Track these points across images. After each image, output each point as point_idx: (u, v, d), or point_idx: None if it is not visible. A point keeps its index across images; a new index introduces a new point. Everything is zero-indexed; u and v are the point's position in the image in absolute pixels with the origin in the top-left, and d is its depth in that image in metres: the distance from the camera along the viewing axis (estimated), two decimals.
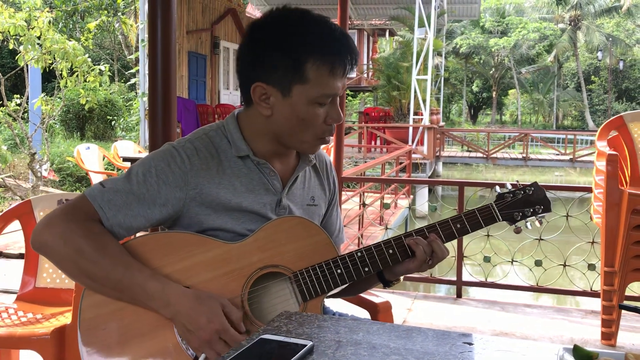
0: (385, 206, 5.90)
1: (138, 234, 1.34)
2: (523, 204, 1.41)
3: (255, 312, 1.31)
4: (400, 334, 1.10)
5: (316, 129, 1.33)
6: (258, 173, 1.37)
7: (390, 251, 1.37)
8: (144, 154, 7.62)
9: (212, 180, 1.32)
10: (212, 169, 1.32)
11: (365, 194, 7.18)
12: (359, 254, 1.36)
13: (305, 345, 1.00)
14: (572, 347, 0.96)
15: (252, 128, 1.37)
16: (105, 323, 1.25)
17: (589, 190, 3.67)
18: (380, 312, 1.84)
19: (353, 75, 20.09)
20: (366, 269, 1.35)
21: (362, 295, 1.92)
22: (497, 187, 1.45)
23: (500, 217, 1.41)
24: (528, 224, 1.42)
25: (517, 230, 1.43)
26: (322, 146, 1.42)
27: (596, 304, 3.57)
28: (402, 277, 1.47)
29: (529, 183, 1.45)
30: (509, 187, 1.46)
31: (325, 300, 1.47)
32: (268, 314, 1.32)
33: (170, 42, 2.26)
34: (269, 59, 1.28)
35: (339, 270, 1.34)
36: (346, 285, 1.37)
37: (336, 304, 1.67)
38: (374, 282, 1.50)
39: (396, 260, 1.37)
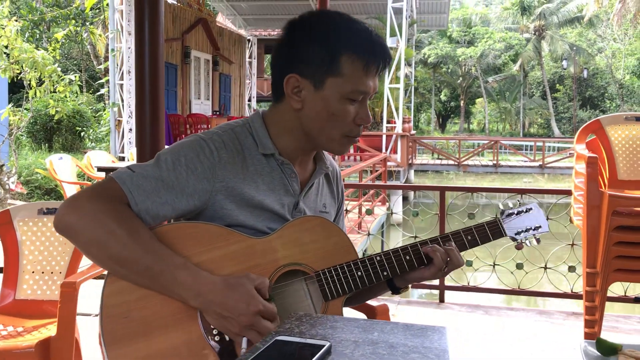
0: (367, 212, 5.91)
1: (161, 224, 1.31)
2: (524, 221, 1.48)
3: (277, 309, 1.29)
4: (416, 332, 1.08)
5: (345, 127, 1.32)
6: (280, 173, 1.36)
7: (407, 257, 1.39)
8: (119, 164, 7.49)
9: (238, 175, 1.30)
10: (238, 164, 1.31)
11: (345, 200, 7.17)
12: (378, 257, 1.37)
13: (323, 346, 0.97)
14: (594, 340, 0.95)
15: (280, 125, 1.36)
16: (129, 311, 1.21)
17: (568, 193, 3.72)
18: (378, 315, 1.82)
19: None
20: (385, 273, 1.37)
21: None
22: (500, 205, 1.52)
23: (506, 232, 1.46)
24: (527, 241, 1.48)
25: (519, 247, 1.50)
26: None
27: (569, 305, 3.61)
28: (410, 285, 1.50)
29: (529, 204, 1.52)
30: (510, 205, 1.52)
31: None
32: (289, 311, 1.32)
33: (158, 52, 2.24)
34: (306, 51, 1.29)
35: (359, 273, 1.35)
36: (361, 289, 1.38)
37: None
38: (383, 289, 1.51)
39: (412, 266, 1.39)
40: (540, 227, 1.48)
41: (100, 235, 1.18)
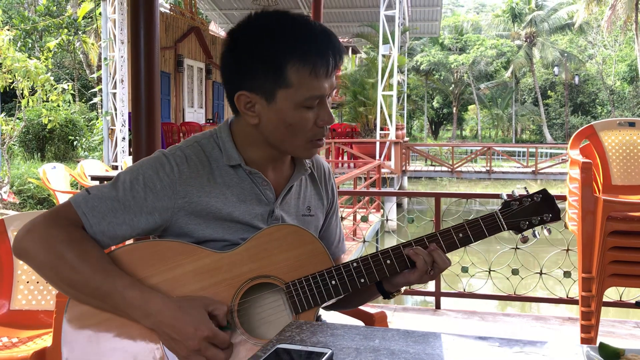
0: (362, 219, 5.92)
1: (125, 243, 1.29)
2: (531, 212, 1.34)
3: (245, 324, 1.26)
4: (417, 339, 1.08)
5: (307, 133, 1.27)
6: (250, 183, 1.32)
7: (388, 262, 1.30)
8: (112, 172, 7.46)
9: (203, 189, 1.27)
10: (203, 178, 1.28)
11: (340, 208, 7.18)
12: (354, 264, 1.29)
13: (325, 354, 0.97)
14: (596, 345, 0.95)
15: (244, 137, 1.32)
16: (90, 336, 1.20)
17: (563, 198, 3.73)
18: (376, 323, 1.82)
19: None
20: (362, 280, 1.29)
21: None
22: (504, 194, 1.38)
23: (505, 226, 1.34)
24: (536, 232, 1.35)
25: (524, 240, 1.35)
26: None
27: (564, 310, 3.61)
28: (402, 289, 1.41)
29: (538, 190, 1.38)
30: (516, 194, 1.38)
31: (321, 311, 1.43)
32: (258, 326, 1.27)
33: (153, 61, 2.24)
34: (249, 66, 1.23)
35: (333, 282, 1.28)
36: (342, 297, 1.31)
37: (330, 316, 1.64)
38: (373, 294, 1.42)
39: (394, 271, 1.31)
40: (550, 215, 1.34)
41: (52, 259, 1.18)
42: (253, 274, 1.26)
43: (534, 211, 1.34)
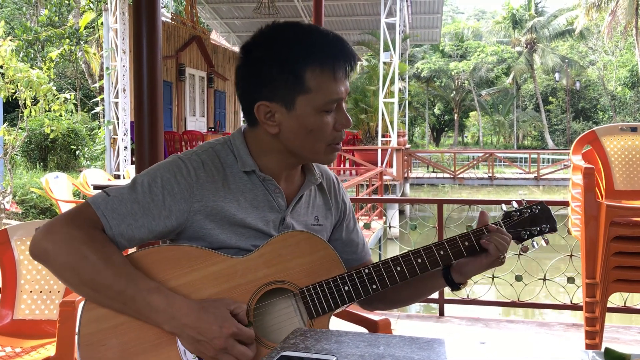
0: (365, 226, 5.92)
1: (140, 247, 1.30)
2: (530, 222, 1.40)
3: (259, 329, 1.27)
4: (422, 345, 1.07)
5: (326, 137, 1.30)
6: (263, 190, 1.33)
7: (398, 269, 1.33)
8: (115, 181, 7.47)
9: (218, 194, 1.28)
10: (218, 183, 1.29)
11: None
12: (366, 270, 1.32)
13: None
14: (602, 350, 0.94)
15: (260, 146, 1.33)
16: (106, 339, 1.20)
17: (565, 204, 3.72)
18: (380, 330, 1.81)
19: None
20: (374, 286, 1.32)
21: (360, 313, 1.89)
22: (504, 205, 1.44)
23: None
24: (534, 242, 1.41)
25: (524, 249, 1.41)
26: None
27: (568, 317, 3.59)
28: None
29: (536, 202, 1.44)
30: (515, 205, 1.44)
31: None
32: (273, 331, 1.29)
33: (156, 70, 2.26)
34: (267, 76, 1.25)
35: (346, 287, 1.30)
36: (398, 286, 1.34)
37: (334, 323, 1.63)
38: (437, 285, 1.43)
39: (404, 277, 1.33)
40: (548, 226, 1.40)
41: (73, 261, 1.17)
42: (268, 279, 1.28)
43: (532, 222, 1.41)
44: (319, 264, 1.31)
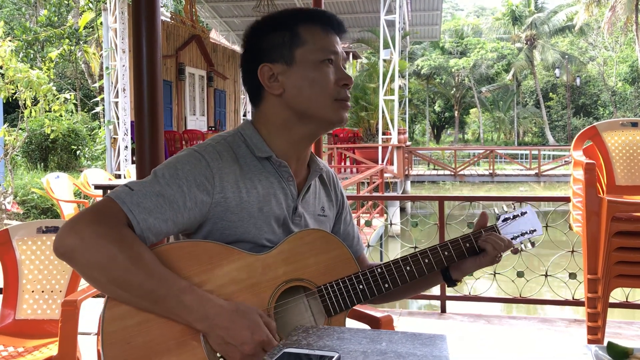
0: (366, 224, 5.93)
1: (160, 243, 1.28)
2: (519, 225, 1.50)
3: (279, 327, 1.28)
4: (424, 341, 1.07)
5: (330, 90, 1.33)
6: (277, 177, 1.35)
7: (408, 268, 1.39)
8: (116, 181, 7.47)
9: (236, 185, 1.29)
10: (236, 173, 1.30)
11: None
12: (379, 270, 1.37)
13: (332, 357, 0.97)
14: (604, 345, 0.94)
15: (269, 124, 1.36)
16: (131, 337, 1.18)
17: (567, 200, 3.72)
18: (382, 326, 1.81)
19: None
20: (386, 285, 1.37)
21: (362, 310, 1.89)
22: (495, 209, 1.53)
23: None
24: (522, 245, 1.50)
25: (515, 251, 1.50)
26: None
27: (570, 312, 3.59)
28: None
29: (523, 207, 1.54)
30: (505, 209, 1.53)
31: None
32: (292, 328, 1.29)
33: (156, 69, 2.25)
34: (267, 40, 1.34)
35: (361, 286, 1.35)
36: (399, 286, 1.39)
37: None
38: (436, 281, 1.52)
39: (413, 276, 1.39)
40: (535, 230, 1.50)
41: (102, 259, 1.15)
42: (287, 277, 1.30)
43: (521, 225, 1.51)
44: (334, 263, 1.35)
